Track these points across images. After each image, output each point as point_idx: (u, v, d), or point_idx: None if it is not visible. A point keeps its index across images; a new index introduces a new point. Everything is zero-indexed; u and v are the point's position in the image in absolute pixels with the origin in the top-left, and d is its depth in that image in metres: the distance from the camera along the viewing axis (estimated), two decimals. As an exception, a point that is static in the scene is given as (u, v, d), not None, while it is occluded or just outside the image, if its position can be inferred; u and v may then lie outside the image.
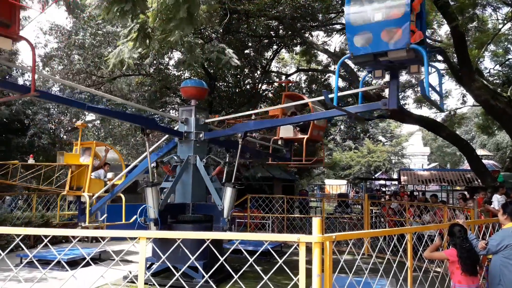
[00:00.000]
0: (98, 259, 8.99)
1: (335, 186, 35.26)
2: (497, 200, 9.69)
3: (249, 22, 14.39)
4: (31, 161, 10.58)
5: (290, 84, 16.56)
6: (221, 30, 13.18)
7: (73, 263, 8.25)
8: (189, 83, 8.58)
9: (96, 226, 8.66)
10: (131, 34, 6.16)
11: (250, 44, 15.95)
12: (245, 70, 16.86)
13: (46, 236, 3.10)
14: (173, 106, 17.95)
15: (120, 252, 6.45)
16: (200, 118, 8.17)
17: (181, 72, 15.77)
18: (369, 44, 4.57)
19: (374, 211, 15.01)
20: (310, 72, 19.24)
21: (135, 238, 3.08)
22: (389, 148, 39.01)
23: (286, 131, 9.45)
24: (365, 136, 37.50)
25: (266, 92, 18.77)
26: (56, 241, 10.70)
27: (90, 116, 20.92)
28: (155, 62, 14.77)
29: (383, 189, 29.69)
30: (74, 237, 3.18)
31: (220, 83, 17.28)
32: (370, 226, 12.25)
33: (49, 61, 15.37)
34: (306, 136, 8.90)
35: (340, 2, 14.91)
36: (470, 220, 7.58)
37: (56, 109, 18.03)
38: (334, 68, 18.24)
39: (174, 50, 14.63)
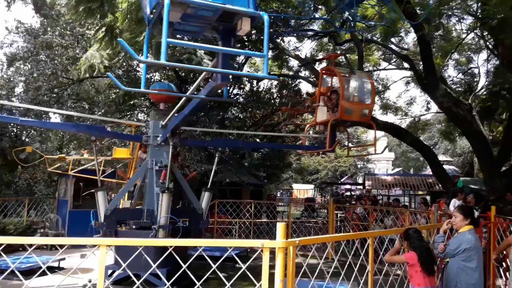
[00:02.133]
0: (57, 267, 8.64)
1: (303, 190, 35.67)
2: (455, 205, 10.02)
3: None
4: None
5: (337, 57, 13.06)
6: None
7: (31, 272, 7.90)
8: (158, 86, 8.48)
9: (56, 234, 8.39)
10: (98, 34, 6.03)
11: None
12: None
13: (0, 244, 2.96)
14: (141, 109, 17.63)
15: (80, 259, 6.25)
16: (158, 122, 8.00)
17: (151, 74, 15.55)
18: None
19: (339, 215, 15.29)
20: (281, 77, 19.42)
21: (95, 245, 2.99)
22: (355, 153, 39.88)
23: (322, 115, 7.92)
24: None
25: (237, 96, 18.77)
26: (13, 249, 10.17)
27: (56, 118, 20.25)
28: (124, 64, 14.49)
29: (348, 194, 30.31)
30: (30, 245, 3.03)
31: (191, 86, 17.14)
32: (335, 230, 12.47)
33: (14, 61, 14.78)
34: (332, 118, 7.31)
35: (312, 8, 15.18)
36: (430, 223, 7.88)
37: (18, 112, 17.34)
38: (305, 75, 18.51)
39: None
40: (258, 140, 18.53)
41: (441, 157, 29.85)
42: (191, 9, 3.06)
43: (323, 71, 8.52)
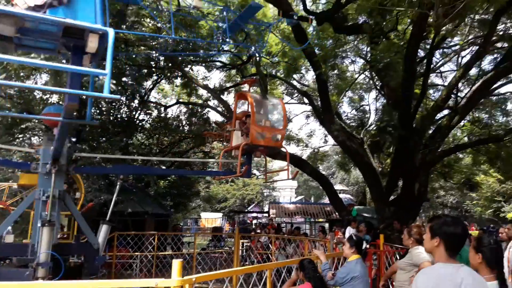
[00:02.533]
0: None
1: (211, 219, 35.29)
2: (350, 233, 10.66)
3: (128, 50, 13.99)
4: None
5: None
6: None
7: None
8: (52, 109, 7.79)
9: None
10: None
11: (128, 72, 15.43)
12: (122, 98, 16.17)
13: None
14: (35, 132, 16.07)
15: None
16: (49, 148, 7.32)
17: (48, 95, 14.36)
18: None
19: (245, 244, 15.37)
20: (190, 105, 19.37)
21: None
22: (262, 181, 40.93)
23: (237, 139, 7.70)
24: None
25: (144, 122, 18.20)
26: None
27: None
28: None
29: (254, 222, 30.75)
30: None
31: (92, 110, 16.19)
32: (239, 260, 12.45)
33: None
34: (243, 143, 7.03)
35: (221, 40, 15.57)
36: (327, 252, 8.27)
37: None
38: (214, 104, 18.73)
39: (40, 72, 13.33)
40: (164, 167, 18.01)
41: (338, 186, 32.12)
42: (30, 23, 2.85)
43: (238, 96, 8.35)
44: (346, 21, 11.48)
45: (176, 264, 2.83)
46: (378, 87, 15.93)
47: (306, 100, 17.22)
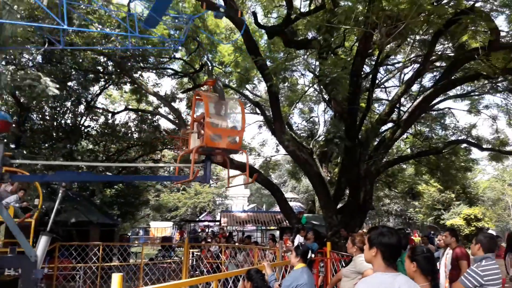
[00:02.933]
0: None
1: (161, 228, 34.48)
2: (299, 241, 10.77)
3: (74, 54, 13.47)
4: None
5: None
6: (40, 59, 12.01)
7: None
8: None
9: None
10: None
11: (74, 76, 14.84)
12: (67, 103, 15.50)
13: None
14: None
15: None
16: None
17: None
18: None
19: (195, 253, 15.16)
20: (139, 112, 18.91)
21: None
22: (215, 189, 40.67)
23: (195, 142, 7.12)
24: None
25: (90, 128, 17.51)
26: None
27: None
28: None
29: (206, 230, 30.45)
30: None
31: (35, 115, 15.39)
32: (188, 270, 12.25)
33: None
34: (197, 146, 6.46)
35: (172, 48, 15.41)
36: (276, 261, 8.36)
37: None
38: (165, 111, 18.42)
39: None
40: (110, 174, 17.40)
41: (289, 195, 32.63)
42: None
43: (196, 96, 7.89)
44: (296, 36, 11.79)
45: (116, 278, 2.76)
46: (326, 100, 16.45)
47: (258, 110, 17.43)
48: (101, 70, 14.76)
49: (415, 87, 15.62)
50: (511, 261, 6.71)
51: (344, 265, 7.38)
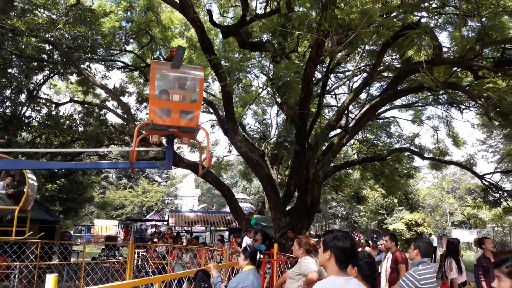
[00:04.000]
0: None
1: (105, 227, 33.20)
2: (246, 243, 10.79)
3: (16, 40, 12.61)
4: None
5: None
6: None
7: None
8: None
9: None
10: None
11: (15, 63, 13.90)
12: (6, 91, 14.50)
13: None
14: None
15: None
16: None
17: None
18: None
19: (140, 253, 14.75)
20: (86, 105, 18.10)
21: None
22: (164, 188, 39.88)
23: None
24: (141, 176, 37.27)
25: (31, 119, 16.49)
26: None
27: None
28: None
29: (153, 230, 29.77)
30: None
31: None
32: (133, 270, 11.90)
33: None
34: (141, 124, 5.75)
35: (123, 40, 14.88)
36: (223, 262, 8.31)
37: None
38: (113, 105, 17.75)
39: None
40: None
41: (240, 195, 32.72)
42: None
43: (153, 65, 5.99)
44: (251, 37, 11.82)
45: (51, 279, 2.61)
46: (279, 103, 16.66)
47: (211, 110, 17.29)
48: (46, 59, 13.94)
49: (363, 95, 16.21)
50: (450, 265, 7.15)
51: (290, 266, 7.48)
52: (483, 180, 15.92)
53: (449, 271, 7.09)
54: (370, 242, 14.90)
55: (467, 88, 12.19)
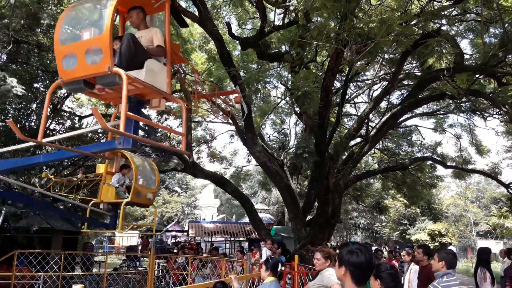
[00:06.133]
0: None
1: (126, 238, 33.55)
2: (266, 254, 10.74)
3: (41, 55, 13.05)
4: None
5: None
6: (4, 58, 11.59)
7: None
8: None
9: None
10: None
11: (40, 78, 14.37)
12: (32, 105, 14.97)
13: None
14: None
15: None
16: None
17: None
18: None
19: (161, 264, 14.85)
20: (108, 117, 18.47)
21: None
22: (184, 199, 40.16)
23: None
24: (161, 186, 37.65)
25: (55, 132, 16.92)
26: None
27: None
28: None
29: (173, 241, 29.92)
30: None
31: (-3, 116, 14.75)
32: (153, 281, 11.98)
33: None
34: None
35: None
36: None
37: None
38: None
39: None
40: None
41: (259, 206, 32.63)
42: None
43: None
44: (270, 48, 11.89)
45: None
46: (298, 113, 16.65)
47: (230, 120, 17.39)
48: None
49: (383, 104, 16.06)
50: (484, 275, 6.92)
51: (311, 278, 7.40)
52: (509, 189, 15.47)
53: (483, 282, 6.84)
54: (393, 254, 14.58)
55: (490, 95, 11.95)
